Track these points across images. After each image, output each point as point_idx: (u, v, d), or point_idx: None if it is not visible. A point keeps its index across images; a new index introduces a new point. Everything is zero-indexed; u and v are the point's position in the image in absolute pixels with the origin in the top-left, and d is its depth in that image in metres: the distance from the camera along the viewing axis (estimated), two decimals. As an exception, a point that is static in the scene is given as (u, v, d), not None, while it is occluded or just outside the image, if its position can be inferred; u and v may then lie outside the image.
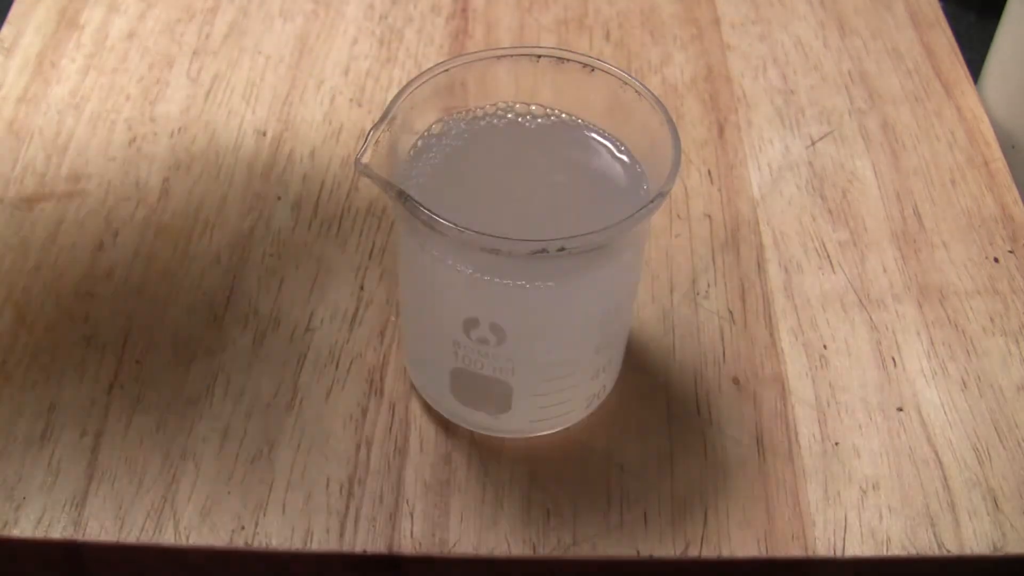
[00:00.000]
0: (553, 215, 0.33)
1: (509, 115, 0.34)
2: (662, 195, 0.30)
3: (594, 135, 0.34)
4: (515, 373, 0.33)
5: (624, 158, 0.33)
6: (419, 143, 0.33)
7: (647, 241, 0.34)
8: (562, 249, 0.29)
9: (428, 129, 0.33)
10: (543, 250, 0.29)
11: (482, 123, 0.34)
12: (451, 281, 0.31)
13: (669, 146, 0.31)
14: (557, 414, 0.35)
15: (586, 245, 0.29)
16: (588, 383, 0.35)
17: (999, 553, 0.34)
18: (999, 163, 0.46)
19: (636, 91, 0.32)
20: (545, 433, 0.36)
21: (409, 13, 0.50)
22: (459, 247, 0.30)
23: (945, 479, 0.36)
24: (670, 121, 0.31)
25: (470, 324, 0.32)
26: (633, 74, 0.33)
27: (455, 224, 0.28)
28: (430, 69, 0.32)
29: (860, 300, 0.41)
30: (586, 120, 0.34)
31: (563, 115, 0.34)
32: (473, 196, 0.33)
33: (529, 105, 0.34)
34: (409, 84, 0.32)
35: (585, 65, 0.33)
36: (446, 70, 0.33)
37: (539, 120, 0.34)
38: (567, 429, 0.36)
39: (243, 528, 0.34)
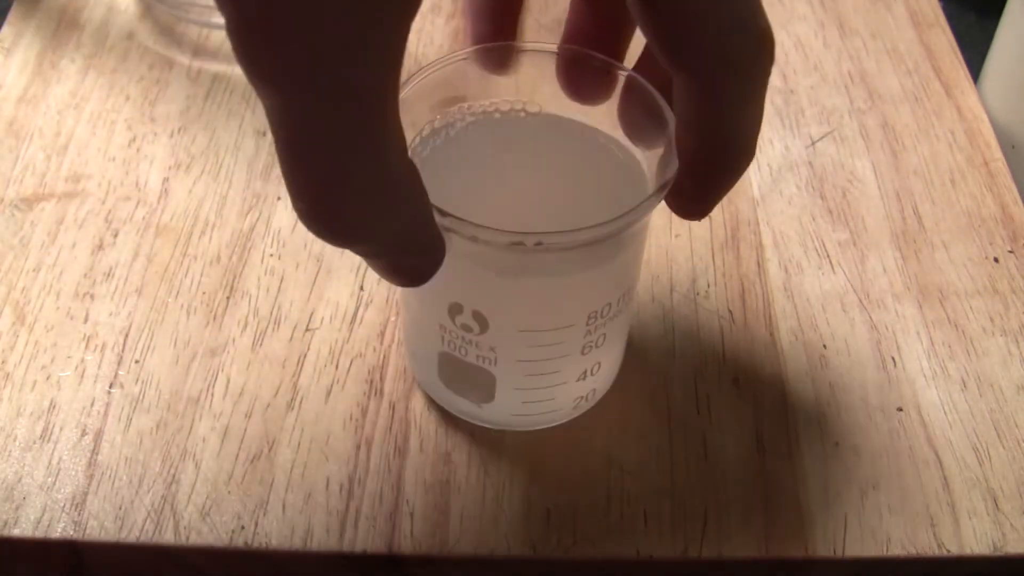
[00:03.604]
0: (552, 212, 0.33)
1: (508, 111, 0.34)
2: (647, 203, 0.29)
3: (596, 132, 0.34)
4: (497, 364, 0.33)
5: (627, 156, 0.33)
6: (417, 139, 0.33)
7: (642, 248, 0.34)
8: (539, 244, 0.28)
9: (426, 125, 0.33)
10: (520, 243, 0.28)
11: (481, 119, 0.34)
12: None
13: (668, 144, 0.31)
14: (541, 411, 0.35)
15: (565, 243, 0.29)
16: (574, 384, 0.35)
17: (999, 553, 0.34)
18: (999, 163, 0.46)
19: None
20: (533, 428, 0.36)
21: (409, 13, 0.50)
22: (443, 231, 0.29)
23: (945, 479, 0.36)
24: (671, 118, 0.31)
25: (455, 309, 0.32)
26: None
27: (437, 207, 0.28)
28: (429, 65, 0.32)
29: (860, 300, 0.41)
30: (587, 116, 0.34)
31: (563, 112, 0.34)
32: (471, 190, 0.33)
33: (528, 102, 0.34)
34: (407, 80, 0.32)
35: None
36: (444, 66, 0.33)
37: (539, 117, 0.34)
38: (567, 429, 0.36)
39: (243, 528, 0.34)
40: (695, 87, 0.26)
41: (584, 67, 0.32)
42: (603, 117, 0.34)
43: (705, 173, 0.29)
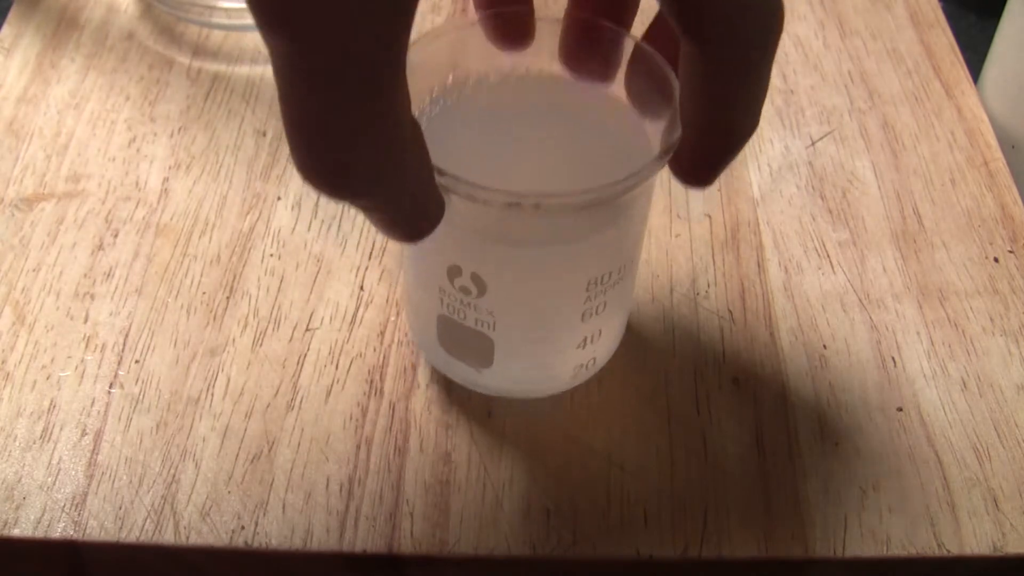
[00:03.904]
0: (556, 178, 0.32)
1: (520, 77, 0.33)
2: (647, 169, 0.29)
3: (603, 99, 0.33)
4: (496, 328, 0.32)
5: (632, 124, 0.32)
6: (427, 98, 0.32)
7: (644, 218, 0.34)
8: (537, 205, 0.28)
9: (435, 87, 0.32)
10: (517, 203, 0.28)
11: (490, 84, 0.33)
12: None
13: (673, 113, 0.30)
14: (540, 378, 0.35)
15: (564, 205, 0.28)
16: (574, 352, 0.34)
17: (999, 553, 0.34)
18: (999, 163, 0.46)
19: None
20: (532, 396, 0.36)
21: (409, 13, 0.50)
22: (441, 191, 0.28)
23: (945, 479, 0.36)
24: (677, 86, 0.30)
25: (454, 272, 0.31)
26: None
27: (436, 166, 0.27)
28: (437, 28, 0.31)
29: (860, 300, 0.41)
30: (594, 85, 0.33)
31: (572, 79, 0.33)
32: (477, 154, 0.32)
33: (537, 69, 0.33)
34: (416, 42, 0.30)
35: None
36: (453, 31, 0.32)
37: (548, 83, 0.33)
38: (568, 430, 0.36)
39: (243, 528, 0.34)
40: (703, 52, 0.26)
41: (589, 46, 0.31)
42: (610, 86, 0.33)
43: (709, 141, 0.28)
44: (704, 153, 0.29)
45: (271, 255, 0.41)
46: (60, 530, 0.33)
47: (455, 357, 0.35)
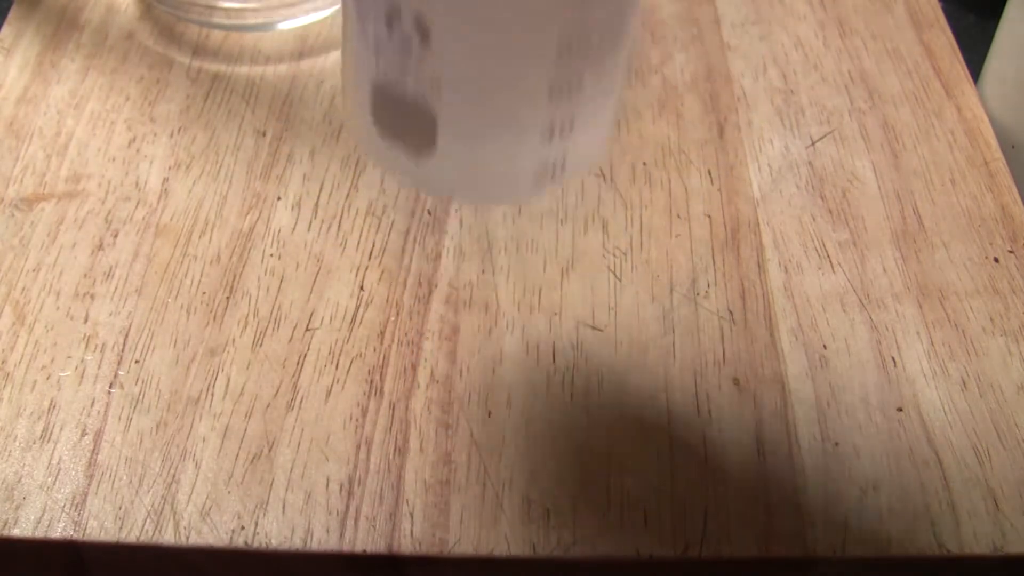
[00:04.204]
0: None
1: None
2: None
3: None
4: (442, 97, 0.27)
5: None
6: None
7: None
8: None
9: None
10: None
11: None
12: None
13: None
14: (495, 177, 0.30)
15: None
16: (536, 145, 0.29)
17: (999, 553, 0.34)
18: (999, 163, 0.46)
19: None
20: (486, 202, 0.31)
21: (409, 13, 0.50)
22: None
23: (945, 479, 0.36)
24: None
25: (393, 15, 0.27)
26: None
27: None
28: None
29: (860, 300, 0.41)
30: None
31: None
32: None
33: None
34: None
35: None
36: None
37: None
38: (568, 431, 0.36)
39: (243, 528, 0.34)
40: None
41: None
42: None
43: None
44: None
45: (271, 255, 0.41)
46: (60, 530, 0.33)
47: (393, 141, 0.29)
